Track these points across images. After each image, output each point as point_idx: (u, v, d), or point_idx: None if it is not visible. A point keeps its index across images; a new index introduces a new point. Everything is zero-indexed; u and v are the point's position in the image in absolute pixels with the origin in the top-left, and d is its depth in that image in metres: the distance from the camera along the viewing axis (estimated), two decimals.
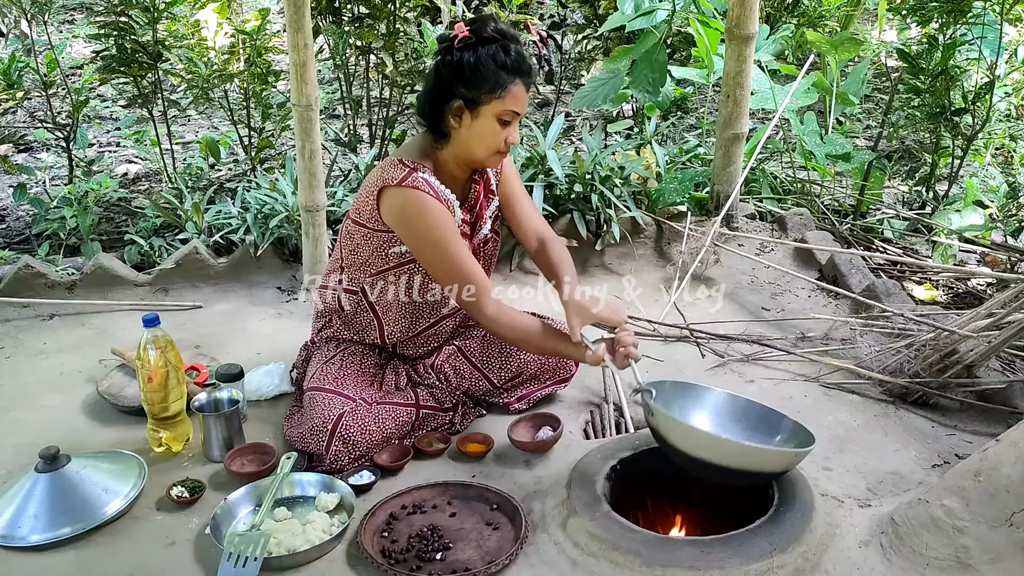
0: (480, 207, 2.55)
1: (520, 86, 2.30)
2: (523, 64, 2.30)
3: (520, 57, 2.30)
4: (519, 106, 2.32)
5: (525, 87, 2.32)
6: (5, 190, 4.76)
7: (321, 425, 2.35)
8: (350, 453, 2.34)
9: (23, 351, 3.10)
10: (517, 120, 2.35)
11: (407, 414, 2.47)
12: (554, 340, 2.38)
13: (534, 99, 6.18)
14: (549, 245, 2.58)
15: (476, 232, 2.55)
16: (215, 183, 4.47)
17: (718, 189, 3.77)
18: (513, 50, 2.29)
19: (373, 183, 2.38)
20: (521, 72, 2.30)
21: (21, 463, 2.42)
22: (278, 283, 3.55)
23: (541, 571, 1.99)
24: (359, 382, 2.51)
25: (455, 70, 2.28)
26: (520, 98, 2.31)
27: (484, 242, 2.58)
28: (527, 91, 2.33)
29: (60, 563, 2.08)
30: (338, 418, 2.34)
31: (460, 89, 2.29)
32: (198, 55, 4.26)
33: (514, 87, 2.29)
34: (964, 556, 1.86)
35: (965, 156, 4.15)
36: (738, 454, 2.01)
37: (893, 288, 3.19)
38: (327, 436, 2.33)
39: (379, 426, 2.39)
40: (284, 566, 2.02)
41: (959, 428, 2.57)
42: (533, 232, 2.62)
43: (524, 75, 2.31)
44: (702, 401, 2.28)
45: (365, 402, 2.43)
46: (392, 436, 2.43)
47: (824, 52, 4.32)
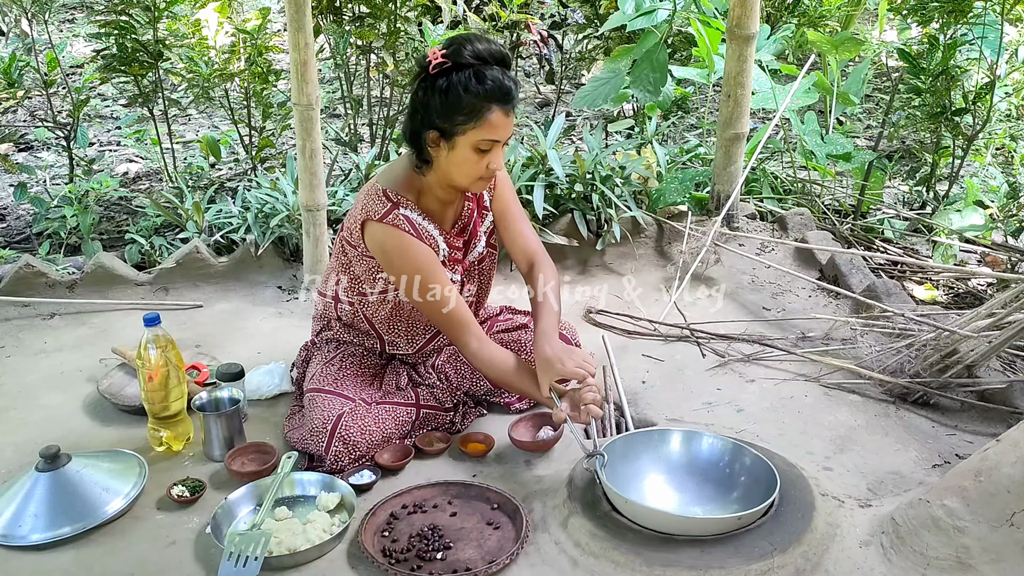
0: (475, 225, 2.52)
1: (498, 113, 2.19)
2: (501, 89, 2.18)
3: (497, 82, 2.18)
4: (497, 134, 2.22)
5: (504, 113, 2.20)
6: (6, 189, 4.76)
7: (321, 426, 2.35)
8: (350, 453, 2.34)
9: (24, 350, 3.11)
10: (499, 146, 2.26)
11: (407, 413, 2.47)
12: (527, 383, 2.34)
13: (534, 99, 6.18)
14: (536, 275, 2.52)
15: (470, 251, 2.52)
16: (216, 182, 4.47)
17: (719, 189, 3.77)
18: (490, 76, 2.17)
19: (359, 212, 2.36)
20: (499, 99, 2.18)
21: (21, 462, 2.42)
22: (279, 282, 3.55)
23: (542, 571, 1.99)
24: (358, 383, 2.51)
25: (427, 99, 2.21)
26: (498, 125, 2.21)
27: (480, 260, 2.56)
28: (508, 116, 2.22)
29: (60, 562, 2.08)
30: (337, 418, 2.34)
31: (434, 119, 2.22)
32: (199, 54, 4.26)
33: (491, 115, 2.18)
34: (965, 556, 1.86)
35: (966, 156, 4.15)
36: (679, 524, 1.99)
37: (894, 288, 3.19)
38: (327, 437, 2.33)
39: (379, 426, 2.39)
40: (285, 565, 2.02)
41: (960, 428, 2.57)
42: (524, 255, 2.58)
43: (503, 101, 2.19)
44: (657, 453, 2.26)
45: (364, 402, 2.43)
46: (392, 436, 2.43)
47: (825, 52, 4.32)
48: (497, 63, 2.21)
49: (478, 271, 2.57)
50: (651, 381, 2.81)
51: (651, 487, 2.21)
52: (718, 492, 2.18)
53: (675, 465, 2.25)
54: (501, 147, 2.28)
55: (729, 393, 2.74)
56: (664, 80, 3.92)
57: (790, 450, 2.38)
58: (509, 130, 2.26)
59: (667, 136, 5.20)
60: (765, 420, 2.59)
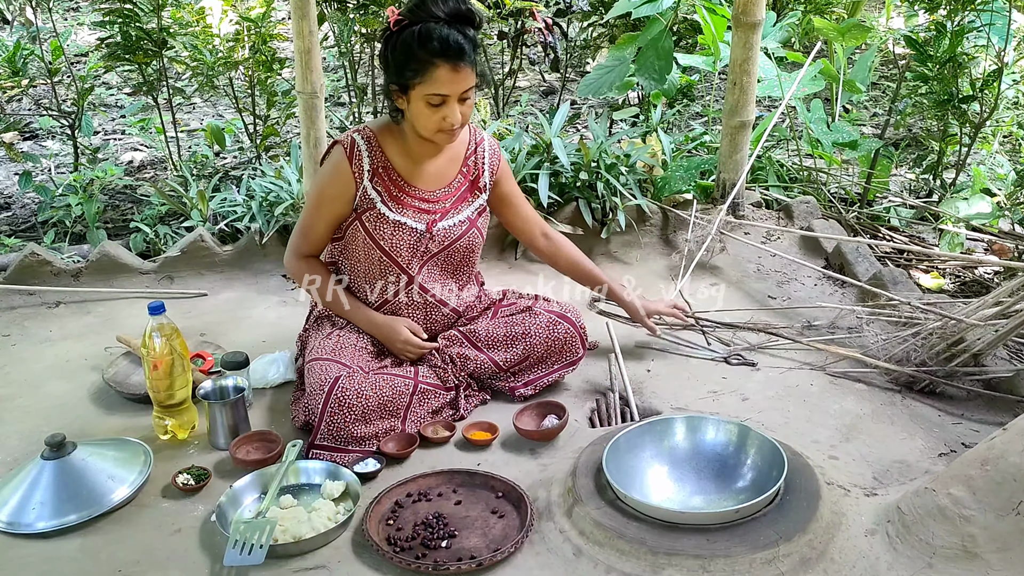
0: (460, 196, 2.60)
1: (444, 68, 2.29)
2: (445, 45, 2.28)
3: (442, 39, 2.27)
4: (445, 88, 2.32)
5: (452, 68, 2.29)
6: (11, 178, 4.77)
7: (318, 388, 2.35)
8: (346, 416, 2.32)
9: (29, 339, 3.11)
10: (452, 101, 2.35)
11: (404, 384, 2.46)
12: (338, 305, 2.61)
13: (539, 87, 6.17)
14: (559, 241, 2.81)
15: (446, 217, 2.58)
16: (220, 171, 4.47)
17: (724, 177, 3.76)
18: (436, 32, 2.27)
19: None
20: (446, 54, 2.28)
21: (27, 450, 2.43)
22: (283, 271, 3.54)
23: (546, 559, 1.99)
24: (355, 354, 2.53)
25: (386, 55, 2.38)
26: (445, 81, 2.31)
27: (456, 236, 2.59)
28: (457, 71, 2.31)
29: (66, 550, 2.08)
30: (335, 380, 2.34)
31: (392, 75, 2.38)
32: (203, 42, 4.25)
33: (436, 71, 2.29)
34: (971, 545, 1.85)
35: (972, 144, 4.13)
36: (680, 515, 2.00)
37: (900, 276, 3.18)
38: (323, 397, 2.32)
39: (375, 391, 2.38)
40: (289, 553, 2.02)
41: (966, 417, 2.56)
42: (537, 227, 2.80)
43: (449, 57, 2.28)
44: (662, 441, 2.26)
45: (362, 369, 2.44)
46: (388, 404, 2.40)
47: (831, 39, 4.30)
48: (455, 19, 2.31)
49: (453, 249, 2.60)
50: (656, 370, 2.81)
51: (657, 476, 2.21)
52: (725, 479, 2.18)
53: (681, 453, 2.25)
54: (455, 102, 2.37)
55: (734, 382, 2.74)
56: (669, 68, 3.90)
57: (795, 439, 2.37)
58: (459, 86, 2.34)
59: (672, 124, 5.18)
60: (770, 409, 2.59)
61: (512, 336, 2.62)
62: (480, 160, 2.65)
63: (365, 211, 2.52)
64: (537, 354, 2.63)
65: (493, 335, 2.63)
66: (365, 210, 2.52)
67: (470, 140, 2.65)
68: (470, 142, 2.64)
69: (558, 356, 2.66)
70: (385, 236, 2.52)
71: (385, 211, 2.51)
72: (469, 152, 2.64)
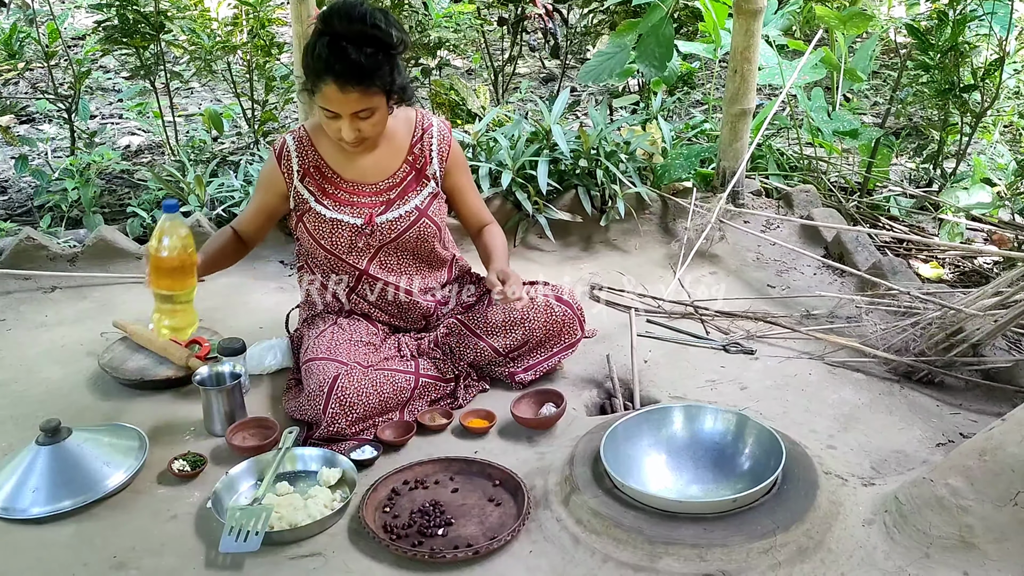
0: (406, 187, 2.57)
1: (331, 87, 2.26)
2: (335, 65, 2.24)
3: (327, 59, 2.24)
4: (332, 106, 2.31)
5: (338, 88, 2.26)
6: (7, 162, 4.75)
7: (318, 389, 2.33)
8: (347, 416, 2.32)
9: (24, 323, 3.10)
10: (343, 119, 2.33)
11: (406, 380, 2.45)
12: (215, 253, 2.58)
13: (539, 74, 6.14)
14: (487, 232, 2.71)
15: (391, 208, 2.55)
16: (218, 156, 4.45)
17: (724, 165, 3.75)
18: (326, 51, 2.24)
19: None
20: (333, 72, 2.25)
21: (22, 436, 2.42)
22: (280, 257, 3.54)
23: (543, 548, 1.99)
24: (352, 349, 2.50)
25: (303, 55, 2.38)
26: (331, 98, 2.29)
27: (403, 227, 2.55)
28: (344, 93, 2.27)
29: (61, 536, 2.08)
30: (334, 380, 2.33)
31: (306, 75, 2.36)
32: (201, 26, 4.23)
33: (325, 87, 2.27)
34: (968, 535, 1.85)
35: (973, 133, 4.12)
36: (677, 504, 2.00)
37: (899, 266, 3.17)
38: (323, 399, 2.31)
39: (376, 388, 2.37)
40: (286, 540, 2.02)
41: (964, 407, 2.56)
42: (476, 221, 2.74)
43: (336, 76, 2.25)
44: (660, 430, 2.25)
45: (361, 366, 2.42)
46: (390, 400, 2.40)
47: (832, 27, 4.27)
48: (358, 39, 2.25)
49: (404, 240, 2.57)
50: (654, 359, 2.80)
51: (655, 464, 2.20)
52: (723, 468, 2.17)
53: (679, 442, 2.25)
54: (348, 118, 2.33)
55: (733, 371, 2.73)
56: (670, 55, 3.88)
57: (794, 428, 2.37)
58: (348, 107, 2.31)
59: (672, 112, 5.16)
60: (769, 398, 2.58)
61: (511, 321, 2.60)
62: (427, 148, 2.59)
63: (304, 212, 2.54)
64: (536, 338, 2.61)
65: (492, 321, 2.61)
66: (303, 211, 2.54)
67: (415, 127, 2.59)
68: (415, 129, 2.59)
69: (557, 339, 2.64)
70: (324, 234, 2.53)
71: (320, 210, 2.52)
72: (415, 140, 2.59)
